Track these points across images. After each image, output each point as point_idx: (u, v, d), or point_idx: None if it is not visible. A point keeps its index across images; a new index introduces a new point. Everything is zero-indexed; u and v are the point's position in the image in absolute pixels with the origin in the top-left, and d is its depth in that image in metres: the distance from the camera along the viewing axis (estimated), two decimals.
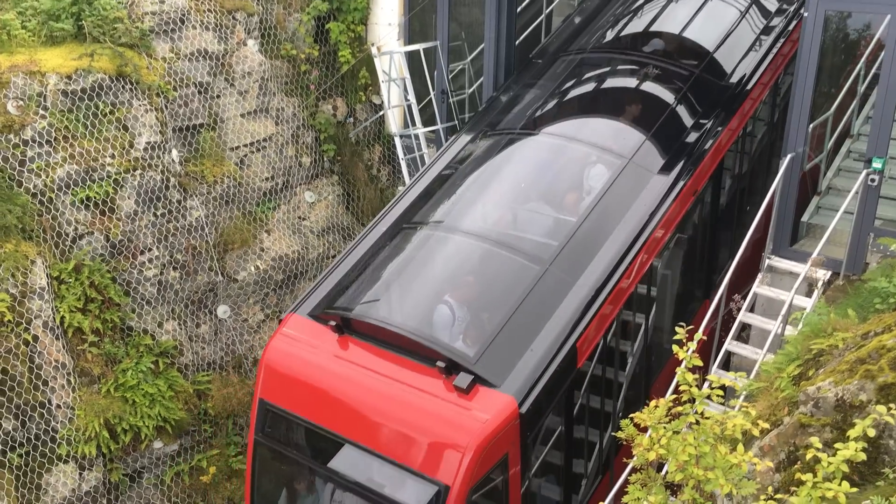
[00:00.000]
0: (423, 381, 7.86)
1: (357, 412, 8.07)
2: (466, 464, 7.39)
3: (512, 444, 7.76)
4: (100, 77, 10.30)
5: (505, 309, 8.28)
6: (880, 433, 5.50)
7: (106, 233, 10.31)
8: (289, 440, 8.66)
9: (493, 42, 12.29)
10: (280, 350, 8.62)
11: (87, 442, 9.81)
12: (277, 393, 8.51)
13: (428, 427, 7.74)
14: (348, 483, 8.00)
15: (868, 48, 10.59)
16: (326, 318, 8.54)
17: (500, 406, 7.60)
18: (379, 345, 8.24)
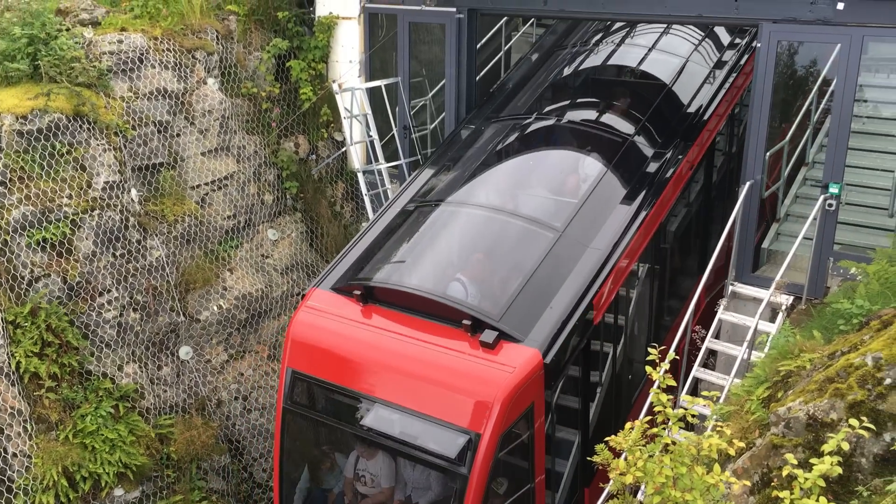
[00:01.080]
0: (450, 341, 8.32)
1: (386, 373, 8.52)
2: (496, 413, 7.83)
3: (537, 393, 8.24)
4: (56, 117, 10.15)
5: (524, 271, 8.82)
6: (852, 451, 5.51)
7: (63, 274, 10.08)
8: (318, 405, 9.04)
9: (453, 78, 12.39)
10: (305, 322, 9.07)
11: (45, 491, 9.46)
12: (305, 362, 8.91)
13: (457, 382, 8.16)
14: (382, 439, 8.41)
15: (819, 78, 10.88)
16: (349, 289, 9.02)
17: (525, 358, 8.08)
18: (403, 311, 8.71)
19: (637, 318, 10.62)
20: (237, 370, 11.81)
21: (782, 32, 9.58)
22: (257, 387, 11.91)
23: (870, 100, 11.98)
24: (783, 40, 9.77)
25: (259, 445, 11.88)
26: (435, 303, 8.51)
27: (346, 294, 9.07)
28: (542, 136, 11.14)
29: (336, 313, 8.97)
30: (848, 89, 9.20)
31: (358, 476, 8.83)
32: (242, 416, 11.77)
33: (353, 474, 8.84)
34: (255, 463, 11.91)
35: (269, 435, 11.93)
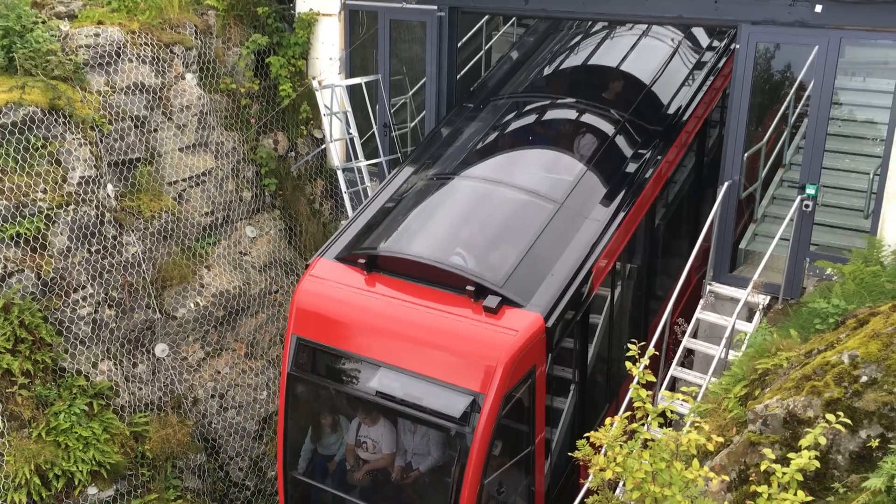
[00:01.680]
0: (453, 307, 8.57)
1: (391, 338, 8.76)
2: (499, 374, 8.08)
3: (539, 356, 8.51)
4: (31, 110, 10.02)
5: (525, 240, 9.09)
6: (829, 447, 5.56)
7: (37, 270, 9.93)
8: (323, 370, 9.26)
9: (434, 76, 12.37)
10: (310, 290, 9.31)
11: (17, 489, 9.32)
12: (311, 329, 9.15)
13: (460, 345, 8.43)
14: (388, 401, 8.66)
15: (797, 81, 10.98)
16: (353, 258, 9.26)
17: (527, 322, 8.34)
18: (406, 279, 8.96)
19: (633, 288, 10.99)
20: (214, 368, 11.71)
21: (761, 34, 9.65)
22: (234, 385, 11.81)
23: (846, 103, 12.13)
24: (762, 42, 9.84)
25: (235, 444, 11.78)
26: (438, 270, 8.74)
27: (349, 263, 9.30)
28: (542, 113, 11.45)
29: (340, 281, 9.22)
30: (825, 91, 9.28)
31: (360, 442, 9.04)
32: (219, 414, 11.66)
33: (355, 441, 9.05)
34: (231, 462, 11.81)
35: (245, 434, 11.84)
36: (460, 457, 8.26)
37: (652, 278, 11.40)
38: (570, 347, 9.39)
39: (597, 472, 4.99)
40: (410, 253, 9.10)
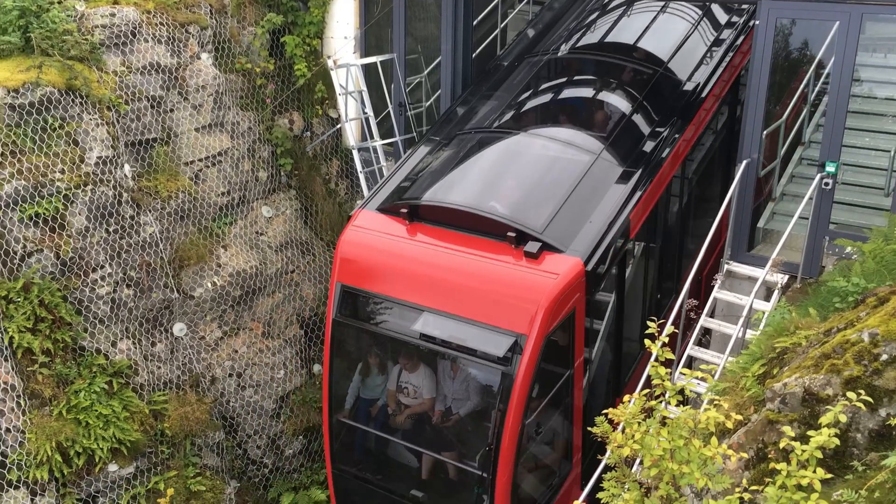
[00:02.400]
0: (495, 253, 8.81)
1: (434, 283, 9.02)
2: (541, 316, 8.34)
3: (579, 299, 8.78)
4: (48, 91, 10.05)
5: (564, 189, 9.31)
6: (848, 425, 5.53)
7: (56, 250, 10.01)
8: (367, 316, 9.54)
9: (449, 55, 12.30)
10: (353, 239, 9.59)
11: (39, 466, 9.45)
12: (354, 276, 9.44)
13: (502, 289, 8.66)
14: (431, 344, 8.98)
15: (817, 57, 10.85)
16: (395, 208, 9.49)
17: (567, 266, 8.61)
18: (448, 227, 9.18)
19: (668, 237, 11.31)
20: (231, 347, 11.78)
21: (781, 10, 9.53)
22: (251, 364, 11.89)
23: (866, 80, 11.98)
24: (781, 18, 9.72)
25: (253, 422, 11.88)
26: (480, 218, 8.95)
27: (391, 214, 9.54)
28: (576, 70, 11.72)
29: (383, 231, 9.48)
30: (846, 68, 9.17)
31: (401, 388, 9.35)
32: (236, 392, 11.75)
33: (396, 386, 9.35)
34: (249, 440, 11.92)
35: (263, 412, 11.94)
36: (502, 396, 8.48)
37: (685, 231, 11.72)
38: (608, 291, 9.66)
39: (615, 448, 4.99)
40: (452, 202, 9.28)
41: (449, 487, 9.38)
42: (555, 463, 9.70)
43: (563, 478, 9.53)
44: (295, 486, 12.24)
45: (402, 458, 9.67)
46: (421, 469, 9.48)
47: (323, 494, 12.13)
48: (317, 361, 12.75)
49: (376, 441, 9.88)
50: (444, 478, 9.37)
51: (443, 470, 9.36)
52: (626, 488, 5.21)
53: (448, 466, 9.28)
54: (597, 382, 9.85)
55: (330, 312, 9.59)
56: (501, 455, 8.52)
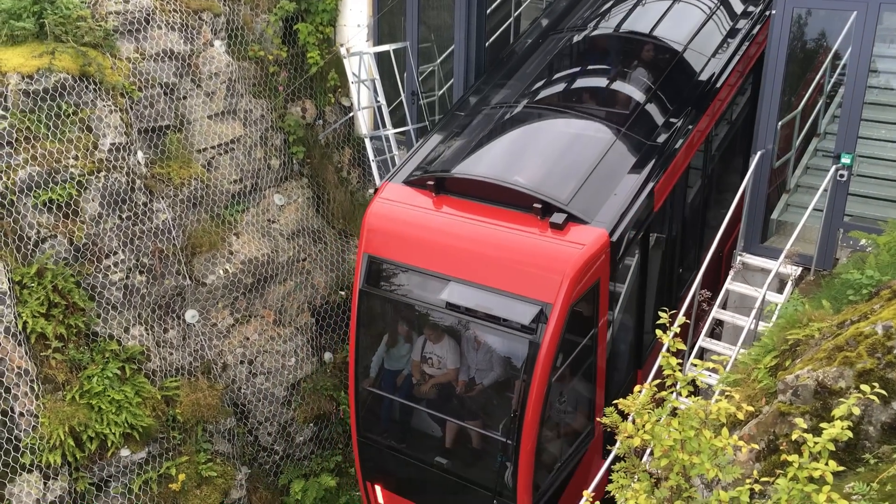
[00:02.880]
0: (521, 224, 8.94)
1: (461, 254, 9.13)
2: (566, 285, 8.46)
3: (603, 270, 8.91)
4: (62, 77, 10.08)
5: (589, 162, 9.46)
6: (861, 418, 5.50)
7: (69, 236, 10.06)
8: (394, 286, 9.69)
9: (462, 44, 12.26)
10: (380, 211, 9.74)
11: (52, 450, 9.53)
12: (381, 247, 9.60)
13: (528, 259, 8.79)
14: (457, 312, 9.08)
15: (834, 48, 10.74)
16: (421, 181, 9.64)
17: (592, 237, 8.75)
18: (474, 199, 9.31)
19: (691, 211, 11.38)
20: (243, 334, 11.83)
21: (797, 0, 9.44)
22: (263, 351, 11.93)
23: (883, 71, 11.86)
24: (798, 8, 9.63)
25: (264, 409, 11.93)
26: (506, 190, 9.06)
27: (417, 187, 9.68)
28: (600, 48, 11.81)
29: (409, 203, 9.63)
30: (862, 59, 9.09)
31: (425, 358, 9.49)
32: (248, 380, 11.80)
33: (421, 357, 9.51)
34: (260, 427, 11.97)
35: (273, 399, 11.99)
36: (527, 364, 8.60)
37: (707, 206, 11.76)
38: (631, 263, 9.80)
39: (624, 439, 4.98)
40: (478, 174, 9.42)
41: (473, 454, 9.54)
42: (577, 431, 9.82)
43: (585, 446, 9.66)
44: (305, 474, 12.30)
45: (426, 427, 9.83)
46: (446, 437, 9.62)
47: (333, 481, 12.19)
48: (328, 349, 12.79)
49: (401, 409, 10.03)
50: (469, 445, 9.54)
51: (467, 437, 9.52)
52: (635, 478, 5.21)
53: (473, 434, 9.43)
54: (619, 353, 10.00)
55: (357, 283, 9.75)
56: (526, 422, 8.66)
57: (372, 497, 10.44)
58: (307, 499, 11.97)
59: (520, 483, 8.85)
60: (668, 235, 10.70)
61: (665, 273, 10.85)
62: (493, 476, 9.18)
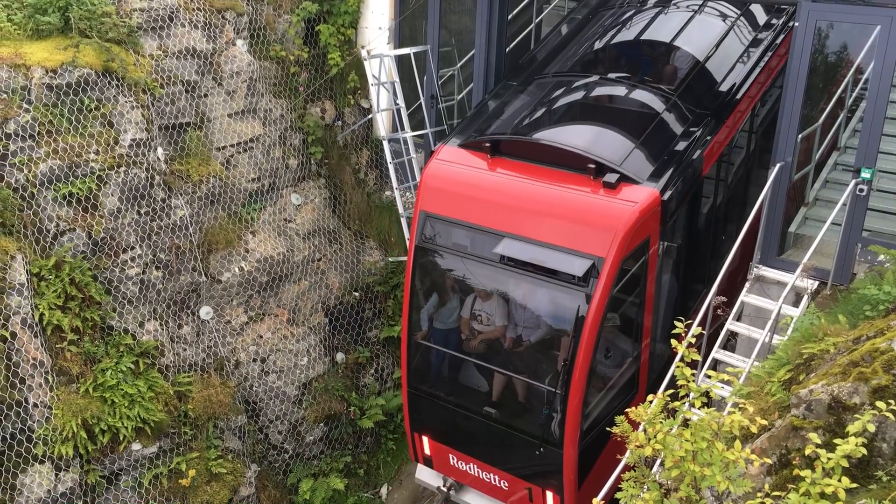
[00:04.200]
0: (575, 183, 9.35)
1: (515, 210, 9.52)
2: (618, 240, 8.86)
3: (654, 227, 9.32)
4: (86, 72, 10.17)
5: (641, 126, 9.97)
6: (874, 435, 5.46)
7: (88, 230, 10.14)
8: (449, 241, 10.09)
9: (483, 48, 12.27)
10: (436, 171, 10.19)
11: (64, 442, 9.60)
12: (437, 205, 10.01)
13: (582, 216, 9.22)
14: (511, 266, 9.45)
15: (856, 61, 10.67)
16: (477, 144, 10.07)
17: (644, 196, 9.13)
18: (529, 161, 9.73)
19: (735, 177, 11.80)
20: (256, 332, 11.88)
21: (821, 12, 9.39)
22: (276, 350, 11.98)
23: None
24: (821, 20, 9.58)
25: (275, 408, 11.97)
26: (560, 151, 9.45)
27: (473, 149, 10.11)
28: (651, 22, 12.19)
29: (465, 163, 10.07)
30: (885, 73, 9.02)
31: (474, 315, 9.89)
32: (260, 377, 11.85)
33: (470, 314, 9.90)
34: (270, 425, 12.01)
35: (285, 398, 12.02)
36: (578, 317, 8.94)
37: (749, 175, 12.17)
38: (680, 223, 10.16)
39: (635, 448, 4.97)
40: (533, 137, 9.87)
41: (522, 405, 9.83)
42: (622, 385, 10.07)
43: (629, 400, 9.88)
44: (314, 473, 12.32)
45: (476, 378, 10.17)
46: (495, 388, 9.94)
47: (341, 484, 12.21)
48: (340, 350, 12.81)
49: (452, 362, 10.37)
50: (518, 396, 9.84)
51: (516, 388, 9.82)
52: (645, 488, 5.19)
53: (522, 385, 9.75)
54: (665, 310, 10.28)
55: (412, 239, 10.22)
56: (575, 372, 8.99)
57: (419, 448, 10.90)
58: (315, 498, 11.99)
59: (566, 432, 9.21)
60: (713, 201, 11.09)
61: (709, 236, 11.23)
62: (540, 425, 9.52)
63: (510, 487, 10.11)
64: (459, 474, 10.60)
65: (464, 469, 10.47)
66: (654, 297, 9.79)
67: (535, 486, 9.88)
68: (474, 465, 10.31)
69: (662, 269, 9.88)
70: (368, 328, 13.17)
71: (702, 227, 10.95)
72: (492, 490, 10.35)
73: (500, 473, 10.11)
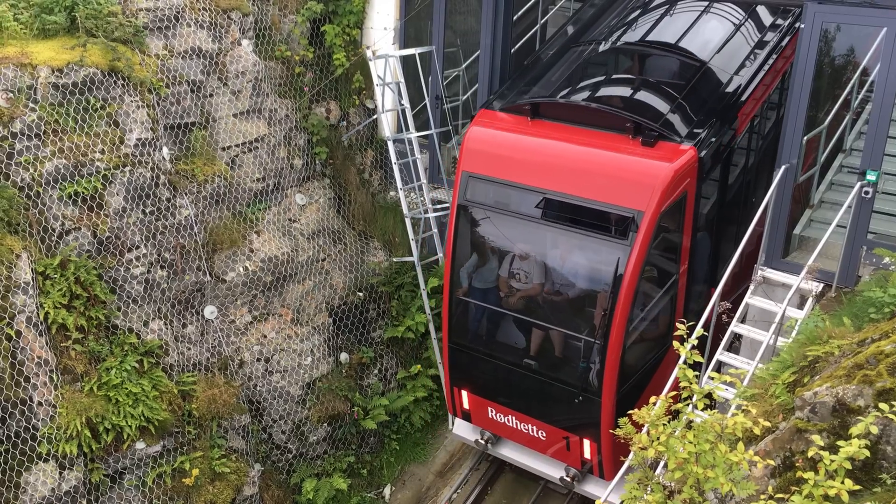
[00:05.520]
0: (614, 143, 9.73)
1: (555, 168, 9.91)
2: (657, 194, 9.23)
3: (690, 183, 9.66)
4: (91, 71, 10.19)
5: (677, 88, 10.40)
6: (878, 438, 5.44)
7: (93, 229, 10.16)
8: (490, 199, 10.47)
9: (488, 49, 12.27)
10: (478, 134, 10.61)
11: (69, 441, 9.62)
12: (479, 165, 10.42)
13: (621, 173, 9.58)
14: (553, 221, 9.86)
15: (862, 63, 10.66)
16: (517, 107, 10.52)
17: (681, 153, 9.49)
18: (568, 122, 10.14)
19: (766, 142, 12.11)
20: (260, 332, 11.89)
21: (827, 14, 9.38)
22: (279, 349, 11.99)
23: None
24: (827, 22, 9.56)
25: (279, 407, 11.98)
26: (598, 112, 9.89)
27: (513, 112, 10.54)
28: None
29: (506, 125, 10.48)
30: (891, 75, 9.00)
31: (512, 274, 10.29)
32: (264, 377, 11.86)
33: (508, 273, 10.31)
34: (274, 424, 12.02)
35: (289, 398, 12.03)
36: (618, 268, 9.29)
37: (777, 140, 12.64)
38: (716, 180, 10.59)
39: (638, 450, 4.96)
40: (572, 99, 10.32)
41: (561, 355, 10.19)
42: (656, 337, 10.39)
43: (663, 353, 10.23)
44: (317, 473, 12.33)
45: (516, 331, 10.54)
46: (534, 340, 10.31)
47: (344, 484, 12.21)
48: (344, 350, 12.83)
49: (492, 317, 10.76)
50: (558, 347, 10.19)
51: (556, 339, 10.18)
52: (648, 490, 5.18)
53: (562, 336, 10.09)
54: (699, 264, 10.64)
55: (455, 198, 10.59)
56: (614, 322, 9.34)
57: (458, 403, 11.28)
58: (319, 498, 12.00)
59: (605, 381, 9.58)
60: (746, 161, 11.47)
61: (741, 196, 11.52)
62: (579, 374, 9.87)
63: (548, 437, 10.47)
64: (497, 427, 10.97)
65: (502, 421, 10.82)
66: (689, 251, 10.18)
67: (572, 435, 10.24)
68: (512, 417, 10.66)
69: (698, 224, 10.24)
70: (372, 328, 13.18)
71: (734, 186, 11.30)
72: (529, 441, 10.73)
73: (538, 424, 10.48)
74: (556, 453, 10.60)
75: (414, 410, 13.18)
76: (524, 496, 12.34)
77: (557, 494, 12.23)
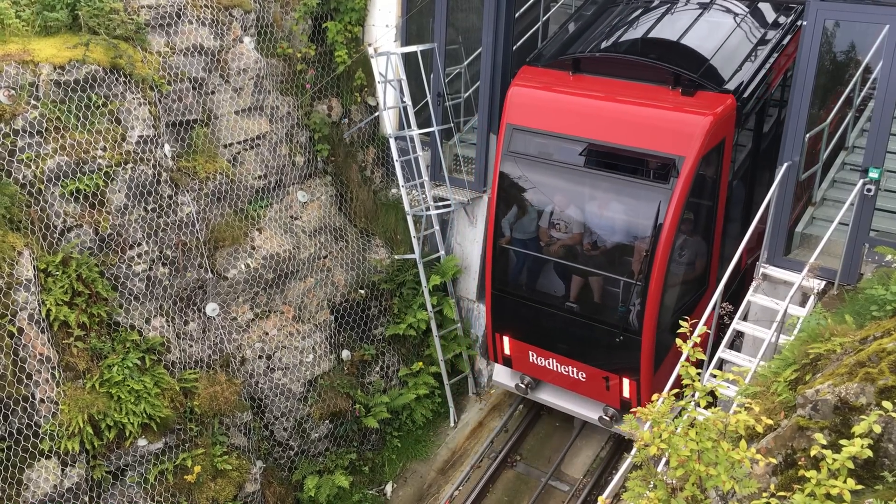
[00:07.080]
0: (654, 93, 10.22)
1: (597, 118, 10.39)
2: (698, 140, 9.65)
3: (729, 129, 10.10)
4: (93, 69, 10.19)
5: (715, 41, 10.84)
6: (880, 436, 5.44)
7: (95, 226, 10.16)
8: (534, 150, 10.93)
9: (490, 47, 12.26)
10: (520, 89, 11.10)
11: (71, 438, 9.63)
12: (523, 117, 10.91)
13: (662, 121, 10.03)
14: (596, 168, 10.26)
15: (865, 60, 10.66)
16: (559, 63, 11.06)
17: (720, 100, 9.99)
18: (609, 76, 10.63)
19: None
20: (262, 329, 11.90)
21: (829, 11, 9.37)
22: (281, 347, 12.00)
23: None
24: (830, 19, 9.55)
25: (281, 405, 11.99)
26: (639, 65, 10.36)
27: (555, 68, 11.05)
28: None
29: (548, 79, 10.97)
30: (894, 72, 8.99)
31: (553, 224, 10.75)
32: (266, 374, 11.87)
33: (551, 220, 10.79)
34: (276, 422, 12.03)
35: (290, 395, 12.04)
36: (660, 211, 9.67)
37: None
38: (752, 129, 11.08)
39: (641, 447, 4.96)
40: (612, 53, 10.82)
41: (603, 298, 10.57)
42: (694, 279, 10.81)
43: (701, 294, 10.68)
44: (319, 470, 12.34)
45: (559, 276, 10.95)
46: (576, 284, 10.72)
47: (346, 481, 12.22)
48: (346, 347, 12.83)
49: (535, 263, 11.17)
50: (599, 289, 10.59)
51: (598, 282, 10.58)
52: (651, 487, 5.19)
53: (603, 278, 10.51)
54: (734, 208, 11.10)
55: (499, 150, 11.01)
56: (655, 263, 9.71)
57: (499, 349, 11.76)
58: (321, 495, 12.01)
59: (645, 321, 9.98)
60: (778, 114, 11.75)
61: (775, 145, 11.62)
62: (620, 315, 10.28)
63: (587, 378, 10.86)
64: (538, 371, 11.42)
65: (542, 365, 11.26)
66: (727, 197, 10.58)
67: (612, 374, 10.61)
68: (553, 360, 11.10)
69: (734, 171, 10.67)
70: (374, 326, 13.18)
71: (768, 136, 11.68)
72: (569, 383, 11.12)
73: (578, 365, 10.89)
74: (595, 394, 10.98)
75: (415, 408, 13.20)
76: (525, 494, 12.37)
77: (559, 492, 12.26)
